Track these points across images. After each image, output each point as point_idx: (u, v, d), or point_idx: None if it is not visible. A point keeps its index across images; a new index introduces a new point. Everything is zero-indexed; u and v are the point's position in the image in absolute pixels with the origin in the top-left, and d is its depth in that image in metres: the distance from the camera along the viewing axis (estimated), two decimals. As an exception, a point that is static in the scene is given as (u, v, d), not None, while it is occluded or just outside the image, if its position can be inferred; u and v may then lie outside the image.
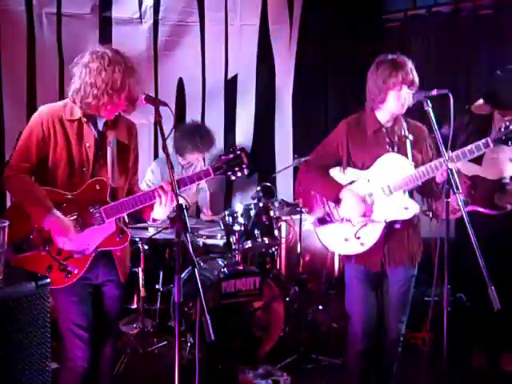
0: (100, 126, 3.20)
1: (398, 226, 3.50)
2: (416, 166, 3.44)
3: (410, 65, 3.41)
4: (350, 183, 3.54)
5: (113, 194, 3.17)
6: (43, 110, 3.16)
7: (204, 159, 5.52)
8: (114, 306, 3.33)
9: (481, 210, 4.32)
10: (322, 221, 3.66)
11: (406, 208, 3.45)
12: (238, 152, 3.19)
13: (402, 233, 3.54)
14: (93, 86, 3.04)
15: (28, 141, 3.09)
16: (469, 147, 3.30)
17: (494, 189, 4.32)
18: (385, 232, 3.48)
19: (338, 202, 3.56)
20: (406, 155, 3.47)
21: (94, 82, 3.04)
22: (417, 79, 3.40)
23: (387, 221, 3.46)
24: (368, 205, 3.48)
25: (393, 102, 3.43)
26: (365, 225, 3.49)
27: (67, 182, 3.10)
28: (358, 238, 3.51)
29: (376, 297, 3.61)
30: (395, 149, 3.50)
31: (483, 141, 3.28)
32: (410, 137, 3.51)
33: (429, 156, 3.56)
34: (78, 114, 3.14)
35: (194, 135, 5.26)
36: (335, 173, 3.61)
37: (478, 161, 4.26)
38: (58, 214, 3.01)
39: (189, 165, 5.43)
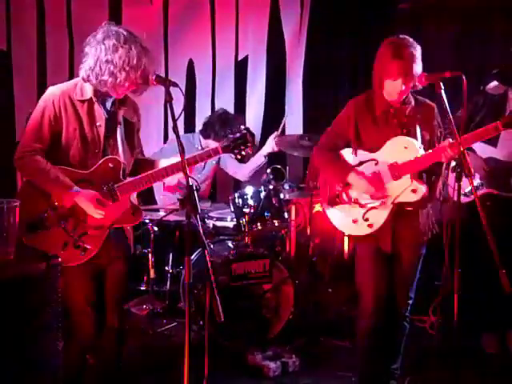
0: (108, 105, 3.22)
1: (406, 207, 3.51)
2: (424, 147, 3.44)
3: (413, 52, 3.34)
4: (359, 165, 3.55)
5: (123, 170, 3.23)
6: (53, 89, 3.16)
7: None
8: (122, 282, 3.37)
9: (495, 192, 4.29)
10: (331, 202, 3.66)
11: (413, 190, 3.44)
12: (244, 131, 3.33)
13: (410, 214, 3.53)
14: (109, 63, 3.05)
15: (40, 121, 3.10)
16: (479, 131, 3.29)
17: (509, 171, 4.28)
18: (393, 213, 3.49)
19: (346, 184, 3.57)
20: (415, 136, 3.46)
21: (110, 59, 3.05)
22: (417, 69, 3.35)
23: (395, 202, 3.47)
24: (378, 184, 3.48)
25: (388, 90, 3.43)
26: (373, 207, 3.51)
27: (80, 162, 3.13)
28: (367, 219, 3.53)
29: (387, 275, 3.61)
30: (404, 130, 3.48)
31: (493, 125, 3.26)
32: (419, 116, 3.50)
33: (436, 134, 3.54)
34: (88, 93, 3.15)
35: (225, 125, 5.23)
36: (346, 154, 3.62)
37: (493, 142, 4.22)
38: (80, 189, 3.06)
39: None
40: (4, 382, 2.49)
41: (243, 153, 3.33)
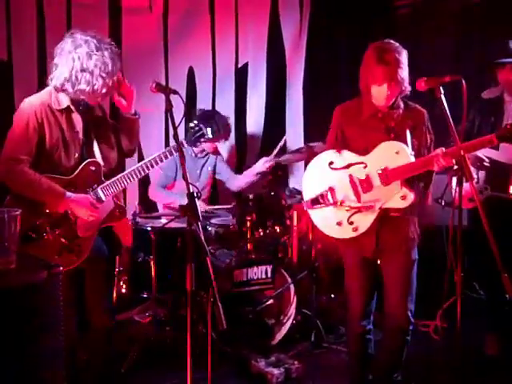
0: (82, 110, 3.29)
1: (392, 213, 3.44)
2: (414, 153, 3.38)
3: (397, 57, 3.30)
4: (347, 167, 3.47)
5: (108, 170, 3.36)
6: (32, 100, 3.21)
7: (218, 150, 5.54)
8: (102, 281, 3.47)
9: (499, 195, 4.27)
10: (314, 202, 3.56)
11: (402, 197, 3.36)
12: (200, 125, 3.60)
13: (397, 219, 3.46)
14: (85, 71, 3.09)
15: (26, 132, 3.12)
16: (474, 142, 3.29)
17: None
18: (379, 218, 3.42)
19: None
20: (405, 142, 3.40)
21: (85, 67, 3.09)
22: (403, 74, 3.31)
23: (382, 207, 3.41)
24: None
25: (374, 95, 3.40)
26: (359, 210, 3.43)
27: (62, 168, 3.20)
28: (351, 222, 3.44)
29: (373, 280, 3.58)
30: (392, 135, 3.42)
31: (488, 137, 3.26)
32: (409, 122, 3.44)
33: (426, 140, 3.48)
34: (64, 102, 3.20)
35: (210, 122, 5.21)
36: (331, 154, 3.54)
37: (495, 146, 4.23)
38: (72, 194, 3.16)
39: (203, 154, 5.41)
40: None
41: (202, 140, 3.62)
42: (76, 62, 3.09)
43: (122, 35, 5.52)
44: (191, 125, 3.50)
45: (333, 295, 5.26)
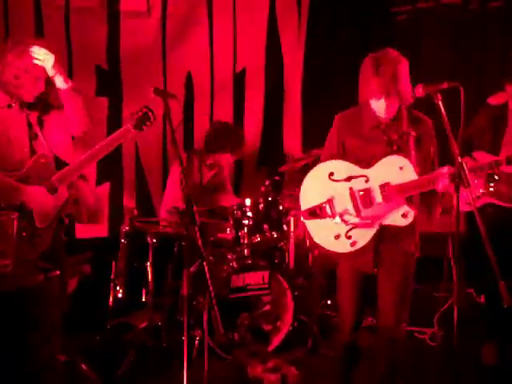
0: (24, 107, 3.34)
1: (392, 229, 3.32)
2: (419, 167, 3.26)
3: (394, 69, 3.18)
4: (348, 179, 3.34)
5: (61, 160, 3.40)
6: None
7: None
8: None
9: (496, 202, 4.27)
10: (312, 213, 3.43)
11: (403, 215, 3.25)
12: (145, 109, 3.45)
13: (396, 234, 3.34)
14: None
15: None
16: (479, 164, 3.28)
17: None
18: (378, 234, 3.31)
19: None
20: (408, 154, 3.27)
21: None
22: (401, 86, 3.20)
23: (382, 224, 3.29)
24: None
25: (374, 108, 3.32)
26: (358, 226, 3.31)
27: (13, 164, 3.22)
28: (349, 237, 3.31)
29: (366, 293, 3.50)
30: (394, 147, 3.31)
31: (495, 160, 3.25)
32: (413, 133, 3.32)
33: (429, 153, 3.36)
34: (5, 100, 3.27)
35: (230, 136, 5.17)
36: (332, 165, 3.41)
37: (496, 152, 4.23)
38: (26, 186, 3.18)
39: (214, 164, 5.31)
40: None
41: (147, 124, 3.53)
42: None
43: (121, 39, 5.52)
44: None
45: (329, 301, 5.24)
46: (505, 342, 4.46)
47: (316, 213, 3.41)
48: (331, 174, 3.38)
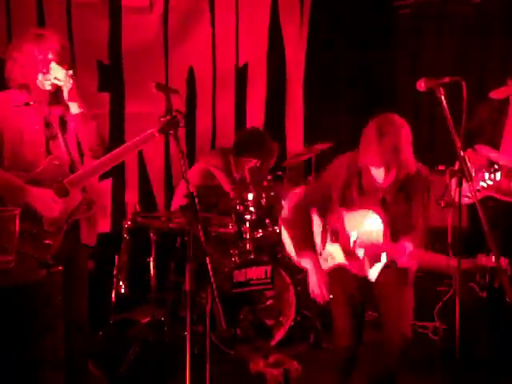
0: (44, 105, 3.27)
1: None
2: (409, 223, 3.25)
3: (396, 140, 3.15)
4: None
5: (74, 164, 3.30)
6: None
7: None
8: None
9: (498, 196, 4.27)
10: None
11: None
12: (175, 113, 3.29)
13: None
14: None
15: None
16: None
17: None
18: None
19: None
20: (397, 215, 3.26)
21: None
22: (402, 157, 3.17)
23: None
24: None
25: (374, 174, 3.29)
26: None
27: (26, 164, 3.17)
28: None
29: (362, 313, 3.55)
30: (384, 207, 3.28)
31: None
32: (404, 193, 3.29)
33: (419, 211, 3.30)
34: (21, 98, 3.20)
35: (263, 142, 5.13)
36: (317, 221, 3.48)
37: (496, 147, 4.23)
38: (32, 188, 3.10)
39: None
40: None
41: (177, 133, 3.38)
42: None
43: (122, 34, 5.51)
44: None
45: (332, 296, 5.24)
46: (505, 337, 4.47)
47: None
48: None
